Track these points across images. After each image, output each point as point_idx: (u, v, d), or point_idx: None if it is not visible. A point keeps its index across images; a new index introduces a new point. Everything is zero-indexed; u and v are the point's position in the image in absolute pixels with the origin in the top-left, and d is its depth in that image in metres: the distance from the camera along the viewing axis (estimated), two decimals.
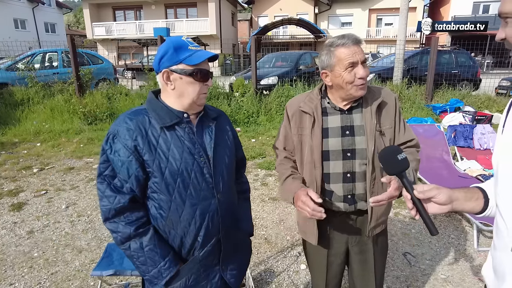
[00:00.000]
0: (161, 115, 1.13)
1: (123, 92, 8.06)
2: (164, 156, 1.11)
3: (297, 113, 1.41)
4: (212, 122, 1.24)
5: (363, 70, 1.25)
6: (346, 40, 1.25)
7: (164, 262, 1.12)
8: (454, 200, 0.91)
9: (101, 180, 1.12)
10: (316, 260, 1.53)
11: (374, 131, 1.31)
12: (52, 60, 9.66)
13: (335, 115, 1.36)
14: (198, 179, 1.14)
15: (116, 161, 1.10)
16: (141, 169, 1.10)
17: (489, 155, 4.23)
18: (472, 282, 2.44)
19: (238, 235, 1.32)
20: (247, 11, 35.79)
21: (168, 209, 1.13)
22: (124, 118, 1.13)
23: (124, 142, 1.09)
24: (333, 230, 1.44)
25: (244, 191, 1.46)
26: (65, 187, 4.22)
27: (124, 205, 1.09)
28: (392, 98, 1.39)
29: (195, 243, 1.17)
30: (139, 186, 1.12)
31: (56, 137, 6.36)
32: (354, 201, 1.37)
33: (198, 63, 1.11)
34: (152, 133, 1.11)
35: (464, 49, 10.00)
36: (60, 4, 31.55)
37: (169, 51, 1.11)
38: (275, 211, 3.58)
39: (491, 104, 7.93)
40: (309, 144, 1.35)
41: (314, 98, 1.40)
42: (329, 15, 27.66)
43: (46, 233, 3.17)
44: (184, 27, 24.07)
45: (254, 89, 7.59)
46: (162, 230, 1.16)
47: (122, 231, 1.10)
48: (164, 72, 1.12)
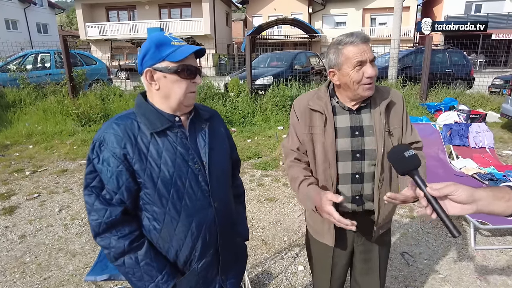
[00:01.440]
0: (151, 120, 1.05)
1: (117, 93, 7.97)
2: (155, 165, 1.02)
3: (306, 112, 1.36)
4: (204, 124, 1.16)
5: (372, 69, 1.22)
6: (354, 38, 1.21)
7: (162, 276, 1.06)
8: (478, 200, 0.78)
9: (88, 192, 1.03)
10: (321, 261, 1.50)
11: (383, 131, 1.29)
12: (44, 61, 9.54)
13: (344, 115, 1.33)
14: (193, 188, 1.07)
15: (105, 172, 1.01)
16: (132, 180, 1.02)
17: (484, 154, 4.25)
18: (470, 281, 2.43)
19: (235, 242, 1.27)
20: (241, 11, 35.74)
21: (162, 221, 1.06)
22: (110, 124, 1.04)
23: (113, 151, 1.00)
24: (340, 231, 1.41)
25: (239, 195, 1.40)
26: (58, 190, 4.16)
27: (116, 218, 1.01)
28: (400, 98, 1.37)
29: (191, 255, 1.11)
30: (130, 198, 1.04)
31: (49, 139, 6.27)
32: (362, 201, 1.35)
33: (182, 58, 1.02)
34: (141, 139, 1.03)
35: (457, 48, 10.06)
36: (52, 4, 31.25)
37: (151, 49, 1.03)
38: (271, 212, 3.55)
39: (485, 103, 7.99)
40: (322, 144, 1.32)
41: (323, 96, 1.36)
42: (323, 14, 27.72)
43: (38, 237, 3.11)
44: (178, 27, 23.95)
45: (249, 89, 7.56)
46: (155, 243, 1.09)
47: (115, 246, 1.02)
48: (147, 71, 1.04)
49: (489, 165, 3.99)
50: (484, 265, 2.62)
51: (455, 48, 10.18)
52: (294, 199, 3.81)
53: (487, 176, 3.65)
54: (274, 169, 4.76)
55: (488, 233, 3.03)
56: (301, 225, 3.25)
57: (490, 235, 3.01)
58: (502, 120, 7.08)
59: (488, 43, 18.63)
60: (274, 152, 5.45)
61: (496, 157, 4.25)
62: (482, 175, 3.69)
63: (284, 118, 7.17)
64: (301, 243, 2.94)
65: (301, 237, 3.03)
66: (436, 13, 25.54)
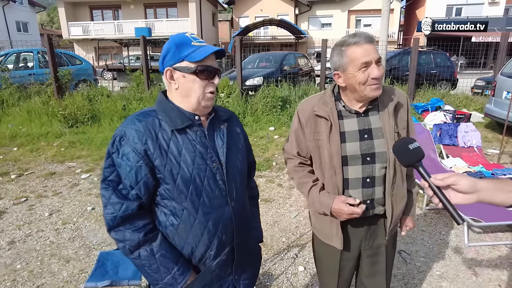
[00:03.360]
0: (172, 117, 1.06)
1: (104, 93, 7.81)
2: (175, 162, 1.04)
3: (311, 118, 1.34)
4: (223, 124, 1.17)
5: (378, 70, 1.19)
6: (358, 39, 1.19)
7: (178, 267, 1.06)
8: (480, 190, 0.82)
9: (105, 185, 1.04)
10: (329, 264, 1.49)
11: (393, 133, 1.28)
12: (27, 60, 9.25)
13: (351, 119, 1.31)
14: (211, 186, 1.08)
15: (124, 166, 1.02)
16: (151, 175, 1.03)
17: (473, 153, 4.37)
18: (465, 277, 2.49)
19: (250, 243, 1.27)
20: (227, 12, 35.65)
21: (180, 216, 1.07)
22: (132, 120, 1.05)
23: (133, 146, 1.01)
24: (349, 235, 1.41)
25: (254, 196, 1.40)
26: (47, 194, 4.03)
27: (133, 212, 1.02)
28: (405, 99, 1.36)
29: (206, 253, 1.11)
30: (147, 193, 1.05)
31: (34, 141, 6.08)
32: (373, 206, 1.34)
33: (201, 59, 1.04)
34: (162, 136, 1.04)
35: (441, 50, 10.33)
36: (32, 2, 30.30)
37: (172, 49, 1.05)
38: (268, 212, 3.54)
39: (469, 103, 8.23)
40: (328, 150, 1.30)
41: (328, 101, 1.33)
42: (309, 16, 27.96)
43: (29, 243, 3.00)
44: (164, 27, 23.67)
45: (240, 90, 7.54)
46: (171, 239, 1.09)
47: (130, 239, 1.03)
48: (167, 70, 1.06)
49: (478, 163, 4.11)
50: (478, 261, 2.69)
51: (439, 50, 10.45)
52: (290, 200, 3.82)
53: (476, 175, 3.74)
54: (268, 169, 4.76)
55: (480, 230, 3.11)
56: (298, 225, 3.26)
57: (482, 232, 3.09)
58: (485, 120, 7.30)
59: (468, 45, 19.21)
60: (266, 152, 5.45)
61: (483, 156, 4.37)
62: (472, 173, 3.79)
63: (275, 119, 7.18)
64: (299, 243, 2.95)
65: (299, 238, 3.04)
66: (419, 16, 26.14)
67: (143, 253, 1.04)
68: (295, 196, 3.90)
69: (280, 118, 7.22)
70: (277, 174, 4.58)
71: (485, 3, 24.08)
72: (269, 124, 7.02)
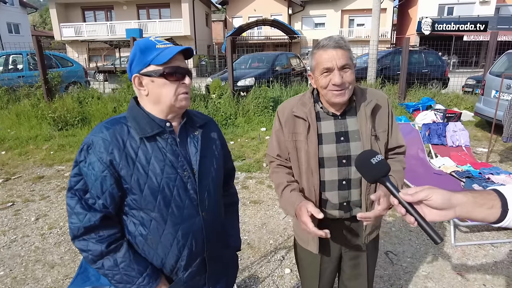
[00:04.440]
0: (141, 125, 1.03)
1: (95, 95, 7.73)
2: (143, 171, 1.01)
3: (290, 118, 1.34)
4: (197, 131, 1.13)
5: (338, 77, 1.17)
6: (326, 42, 1.19)
7: (142, 278, 1.04)
8: (457, 205, 0.74)
9: (71, 194, 1.02)
10: (309, 268, 1.49)
11: (369, 136, 1.26)
12: (16, 62, 9.16)
13: (328, 120, 1.31)
14: (181, 196, 1.05)
15: (89, 175, 1.00)
16: (116, 186, 1.01)
17: (461, 152, 4.40)
18: (451, 277, 2.50)
19: (225, 253, 1.24)
20: (221, 12, 35.59)
21: (149, 227, 1.04)
22: (100, 127, 1.03)
23: (99, 155, 0.99)
24: (325, 239, 1.39)
25: (233, 203, 1.37)
26: (35, 198, 3.98)
27: (95, 223, 1.00)
28: (385, 101, 1.34)
29: (177, 264, 1.09)
30: (113, 203, 1.02)
31: (23, 144, 6.01)
32: (350, 208, 1.34)
33: (167, 60, 1.00)
34: (130, 144, 1.01)
35: (432, 49, 10.39)
36: (24, 3, 30.02)
37: (136, 55, 1.03)
38: (256, 214, 3.53)
39: (459, 102, 8.29)
40: (305, 151, 1.30)
41: (307, 102, 1.33)
42: (303, 16, 28.01)
43: (13, 249, 2.96)
44: (158, 28, 23.57)
45: (231, 91, 7.52)
46: (140, 249, 1.07)
47: (93, 249, 1.01)
48: (135, 77, 1.03)
49: (466, 163, 4.13)
50: (463, 260, 2.70)
51: (430, 49, 10.52)
52: None
53: (464, 174, 3.77)
54: (258, 171, 4.75)
55: (467, 229, 3.13)
56: (286, 227, 3.25)
57: (469, 231, 3.11)
58: (475, 119, 7.36)
59: (460, 44, 19.37)
60: (257, 153, 5.44)
61: (471, 155, 4.40)
62: (460, 172, 3.81)
63: (267, 120, 7.17)
64: (287, 245, 2.94)
65: (286, 240, 3.03)
66: (412, 15, 26.31)
67: (106, 263, 1.02)
68: None
69: (272, 119, 7.21)
70: (267, 176, 4.57)
71: (476, 2, 24.30)
72: (261, 125, 7.01)
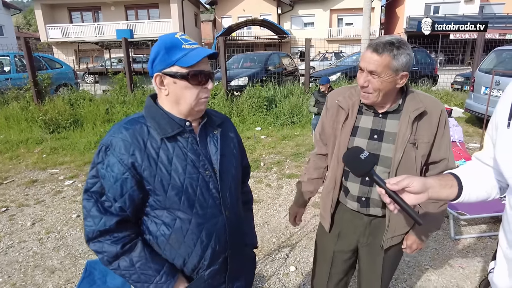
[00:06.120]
0: (162, 125, 1.00)
1: (86, 97, 7.62)
2: (166, 171, 0.99)
3: (334, 107, 1.39)
4: (216, 130, 1.11)
5: (362, 79, 1.21)
6: (371, 43, 1.20)
7: (160, 276, 1.02)
8: (429, 188, 0.89)
9: (87, 196, 0.99)
10: (323, 249, 1.55)
11: (406, 142, 1.23)
12: (3, 65, 8.95)
13: (368, 116, 1.32)
14: (204, 195, 1.03)
15: (108, 177, 0.97)
16: (137, 188, 0.98)
17: (455, 147, 4.47)
18: (453, 269, 2.54)
19: (244, 251, 1.24)
20: (210, 12, 35.45)
21: (172, 226, 1.03)
22: (119, 128, 1.00)
23: (120, 157, 0.96)
24: (344, 225, 1.44)
25: (248, 201, 1.37)
26: (29, 202, 3.90)
27: (110, 227, 0.98)
28: (437, 110, 1.26)
29: (199, 263, 1.07)
30: (132, 206, 1.00)
31: (13, 148, 5.87)
32: (368, 204, 1.35)
33: (194, 63, 0.96)
34: (151, 145, 0.99)
35: (422, 47, 10.55)
36: (7, 4, 29.34)
37: (161, 52, 0.98)
38: (257, 213, 3.53)
39: (449, 99, 8.45)
40: (338, 140, 1.35)
41: (355, 94, 1.35)
42: (292, 15, 28.14)
43: (10, 255, 2.89)
44: (146, 28, 23.33)
45: (225, 90, 7.50)
46: (162, 249, 1.05)
47: (108, 251, 0.99)
48: (157, 76, 0.99)
49: (460, 158, 4.21)
50: (464, 253, 2.75)
51: (420, 47, 10.68)
52: (279, 200, 3.82)
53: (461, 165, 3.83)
54: (256, 170, 4.75)
55: (465, 223, 3.19)
56: (288, 225, 3.26)
57: (467, 225, 3.17)
58: (466, 115, 7.51)
59: (446, 42, 19.74)
60: (254, 153, 5.43)
61: (465, 150, 4.48)
62: None
63: (261, 119, 7.17)
64: (290, 243, 2.95)
65: (289, 238, 3.04)
66: (399, 14, 26.69)
67: (122, 263, 1.01)
68: (284, 196, 3.90)
69: (266, 118, 7.22)
70: (265, 174, 4.58)
71: (461, 1, 24.80)
72: (256, 125, 7.01)
